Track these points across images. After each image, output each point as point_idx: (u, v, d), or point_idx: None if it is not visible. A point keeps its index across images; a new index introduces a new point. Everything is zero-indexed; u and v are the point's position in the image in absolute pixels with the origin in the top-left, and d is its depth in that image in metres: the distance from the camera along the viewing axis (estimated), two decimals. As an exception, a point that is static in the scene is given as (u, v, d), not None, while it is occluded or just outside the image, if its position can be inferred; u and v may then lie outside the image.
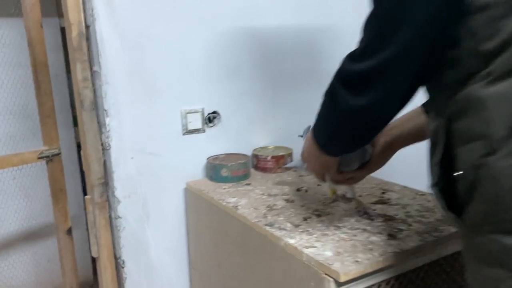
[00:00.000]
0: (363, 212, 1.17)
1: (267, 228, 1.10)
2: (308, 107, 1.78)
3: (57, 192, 1.77)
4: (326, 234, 1.05)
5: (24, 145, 1.99)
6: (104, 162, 1.49)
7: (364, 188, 1.39)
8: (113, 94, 1.41)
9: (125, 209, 1.49)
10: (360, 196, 1.29)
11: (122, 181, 1.47)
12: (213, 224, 1.39)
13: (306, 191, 1.38)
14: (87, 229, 1.59)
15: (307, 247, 0.98)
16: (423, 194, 1.30)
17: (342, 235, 1.04)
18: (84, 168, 1.54)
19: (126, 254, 1.51)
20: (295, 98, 1.78)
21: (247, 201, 1.31)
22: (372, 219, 1.12)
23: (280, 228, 1.10)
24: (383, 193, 1.33)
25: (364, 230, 1.07)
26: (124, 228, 1.50)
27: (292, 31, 1.73)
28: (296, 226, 1.11)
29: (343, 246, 0.98)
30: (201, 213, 1.48)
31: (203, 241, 1.49)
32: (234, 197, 1.36)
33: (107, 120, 1.42)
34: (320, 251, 0.96)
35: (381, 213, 1.16)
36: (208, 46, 1.55)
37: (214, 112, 1.61)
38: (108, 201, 1.52)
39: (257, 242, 1.14)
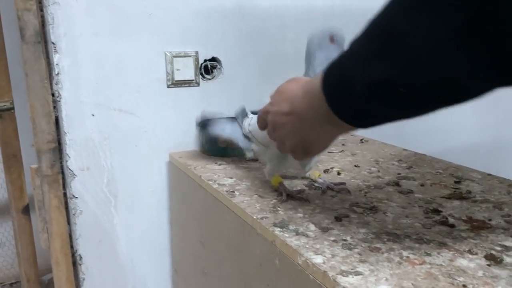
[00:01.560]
0: (330, 187, 0.83)
1: (277, 231, 0.67)
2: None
3: (10, 159, 1.37)
4: (377, 249, 0.61)
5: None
6: (57, 119, 1.06)
7: (425, 173, 0.93)
8: (65, 19, 0.98)
9: (82, 186, 1.07)
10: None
11: (78, 147, 1.05)
12: (199, 215, 0.97)
13: (339, 173, 0.94)
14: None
15: (345, 273, 0.54)
16: (522, 187, 0.84)
17: (406, 253, 0.59)
18: (32, 127, 1.13)
19: (84, 247, 1.11)
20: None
21: (250, 184, 0.88)
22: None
23: (297, 233, 0.66)
24: (457, 182, 0.88)
25: (442, 244, 0.62)
26: (81, 212, 1.08)
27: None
28: (325, 230, 0.67)
29: (411, 276, 0.54)
30: (186, 197, 1.05)
31: (188, 236, 1.06)
32: (231, 178, 0.92)
33: (56, 57, 0.99)
34: (371, 284, 0.52)
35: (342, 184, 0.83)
36: (207, -38, 1.10)
37: (213, 59, 1.17)
38: (63, 174, 1.10)
39: (259, 250, 0.71)
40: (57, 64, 0.99)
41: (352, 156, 1.06)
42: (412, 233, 0.65)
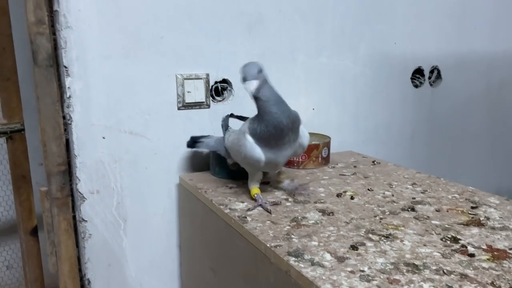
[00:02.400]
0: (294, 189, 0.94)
1: (292, 260, 0.65)
2: (361, 77, 1.34)
3: (19, 180, 1.36)
4: (396, 282, 0.59)
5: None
6: (67, 142, 1.06)
7: (440, 198, 0.91)
8: (77, 43, 0.98)
9: (91, 209, 1.06)
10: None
11: (88, 170, 1.04)
12: (210, 240, 0.95)
13: (352, 198, 0.92)
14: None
15: (364, 308, 0.53)
16: (541, 213, 0.82)
17: (426, 286, 0.57)
18: (42, 150, 1.13)
19: (92, 271, 1.09)
20: (339, 66, 1.32)
21: (262, 209, 0.86)
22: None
23: (313, 263, 0.64)
24: (474, 207, 0.86)
25: (463, 275, 0.60)
26: (91, 235, 1.07)
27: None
28: (341, 260, 0.65)
29: (434, 312, 0.52)
30: (196, 221, 1.04)
31: (199, 261, 1.05)
32: (242, 202, 0.91)
33: (68, 81, 0.99)
34: (392, 320, 0.50)
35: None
36: (218, -15, 1.10)
37: (224, 81, 1.17)
38: (72, 197, 1.10)
39: (273, 280, 0.70)
40: (69, 87, 0.99)
41: (365, 179, 1.05)
42: (432, 263, 0.63)
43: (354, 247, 0.69)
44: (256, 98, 0.81)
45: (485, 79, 1.64)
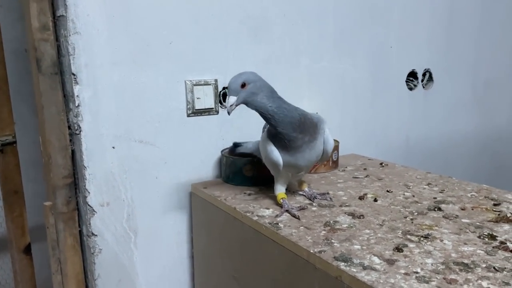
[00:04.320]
0: (314, 197, 0.93)
1: (342, 265, 0.64)
2: (360, 80, 1.36)
3: (10, 196, 1.29)
4: (454, 281, 0.59)
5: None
6: (73, 153, 1.01)
7: (460, 197, 0.93)
8: (86, 50, 0.94)
9: (101, 223, 1.01)
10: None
11: (98, 182, 1.00)
12: (232, 248, 0.93)
13: (375, 200, 0.92)
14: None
15: (434, 309, 0.52)
16: (561, 207, 0.85)
17: (485, 284, 0.58)
18: (43, 161, 1.07)
19: (102, 288, 1.04)
20: (339, 69, 1.33)
21: (289, 215, 0.85)
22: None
23: (364, 267, 0.63)
24: (496, 204, 0.88)
25: (509, 269, 0.61)
26: (101, 250, 1.02)
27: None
28: (390, 262, 0.65)
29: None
30: (214, 230, 1.01)
31: (217, 270, 1.02)
32: (267, 208, 0.89)
33: (76, 89, 0.95)
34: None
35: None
36: (225, -10, 1.08)
37: (231, 87, 1.15)
38: (78, 211, 1.04)
39: (317, 286, 0.68)
40: (77, 95, 0.94)
41: (379, 181, 1.05)
42: (480, 261, 0.64)
43: (398, 249, 0.69)
44: (264, 111, 0.81)
45: (471, 80, 1.70)
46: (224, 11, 1.09)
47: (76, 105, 0.95)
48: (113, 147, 1.00)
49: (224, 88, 1.13)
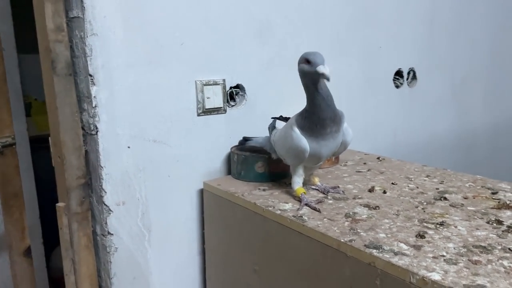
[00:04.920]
0: (327, 191, 0.99)
1: (375, 252, 0.69)
2: (354, 79, 1.42)
3: (10, 198, 1.27)
4: (479, 262, 0.65)
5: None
6: (86, 153, 1.02)
7: (460, 187, 1.01)
8: (103, 51, 0.95)
9: (118, 222, 1.03)
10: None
11: (115, 181, 1.01)
12: (252, 242, 0.96)
13: (385, 192, 0.98)
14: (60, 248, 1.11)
15: (471, 287, 0.58)
16: (551, 194, 0.94)
17: (506, 263, 0.65)
18: (54, 163, 1.06)
19: (118, 287, 1.05)
20: (335, 70, 1.38)
21: (309, 208, 0.90)
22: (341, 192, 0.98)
23: (395, 253, 0.69)
24: (494, 193, 0.96)
25: (526, 252, 0.68)
26: (116, 249, 1.04)
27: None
28: (417, 248, 0.71)
29: (525, 284, 0.59)
30: (230, 225, 1.04)
31: (234, 264, 1.05)
32: (286, 203, 0.94)
33: (93, 90, 0.95)
34: (499, 295, 0.57)
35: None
36: (233, -8, 1.12)
37: (236, 87, 1.18)
38: (92, 211, 1.05)
39: (349, 272, 0.73)
40: (94, 96, 0.95)
41: (382, 175, 1.12)
42: (495, 244, 0.71)
43: (420, 236, 0.75)
44: (315, 87, 0.86)
45: (449, 77, 1.81)
46: (232, 11, 1.13)
47: (93, 106, 0.96)
48: (129, 147, 1.01)
49: (231, 88, 1.17)
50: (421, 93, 1.69)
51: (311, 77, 0.86)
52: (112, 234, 1.02)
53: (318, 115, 0.87)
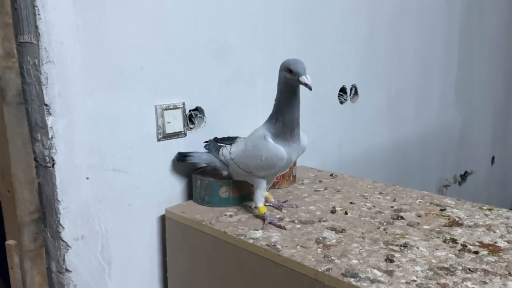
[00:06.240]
0: (281, 206, 1.06)
1: (352, 281, 0.73)
2: (304, 96, 1.46)
3: None
4: (446, 285, 0.71)
5: None
6: (39, 186, 0.95)
7: (411, 204, 1.08)
8: (60, 79, 0.89)
9: (76, 258, 0.97)
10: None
11: (73, 215, 0.95)
12: (222, 272, 0.96)
13: (346, 213, 1.03)
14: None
15: (444, 313, 0.64)
16: (490, 209, 1.05)
17: (469, 284, 0.71)
18: (1, 198, 0.98)
19: (77, 325, 0.99)
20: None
21: (280, 234, 0.92)
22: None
23: (371, 280, 0.73)
24: (442, 210, 1.05)
25: (485, 271, 0.76)
26: (75, 286, 0.98)
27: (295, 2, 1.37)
28: (389, 273, 0.75)
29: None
30: (197, 255, 1.03)
31: (197, 292, 1.04)
32: (256, 230, 0.95)
33: (50, 120, 0.89)
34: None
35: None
36: (188, 8, 1.10)
37: (195, 109, 1.17)
38: (46, 247, 0.98)
39: (325, 301, 0.76)
40: (51, 127, 0.89)
41: (339, 193, 1.17)
42: (456, 265, 0.78)
43: (390, 260, 0.80)
44: (294, 91, 0.92)
45: (386, 91, 1.93)
46: (191, 34, 1.11)
47: (50, 137, 0.90)
48: (87, 178, 0.96)
49: (190, 111, 1.15)
50: (362, 108, 1.79)
51: (291, 84, 0.91)
52: (70, 271, 0.96)
53: (291, 116, 0.93)
